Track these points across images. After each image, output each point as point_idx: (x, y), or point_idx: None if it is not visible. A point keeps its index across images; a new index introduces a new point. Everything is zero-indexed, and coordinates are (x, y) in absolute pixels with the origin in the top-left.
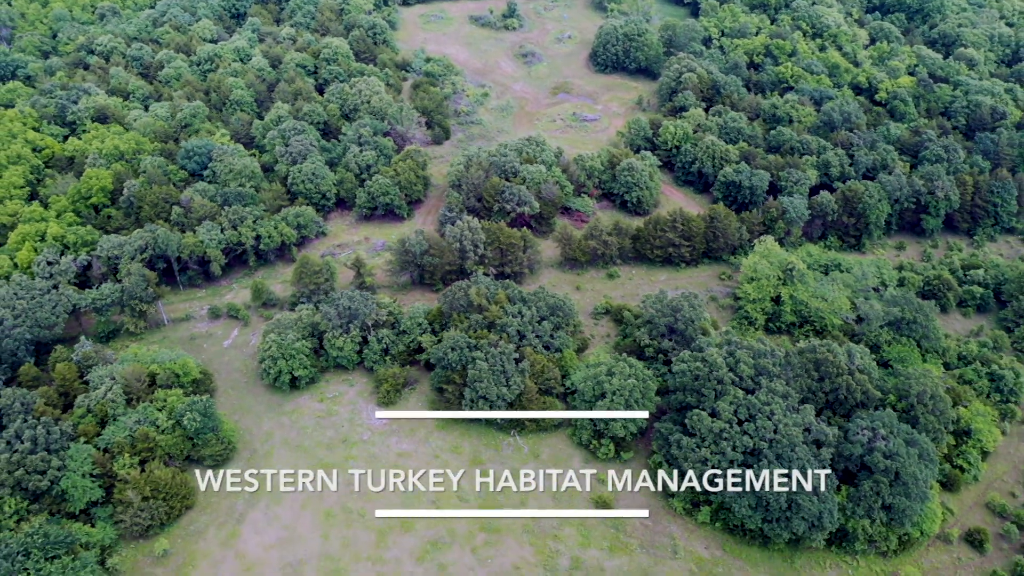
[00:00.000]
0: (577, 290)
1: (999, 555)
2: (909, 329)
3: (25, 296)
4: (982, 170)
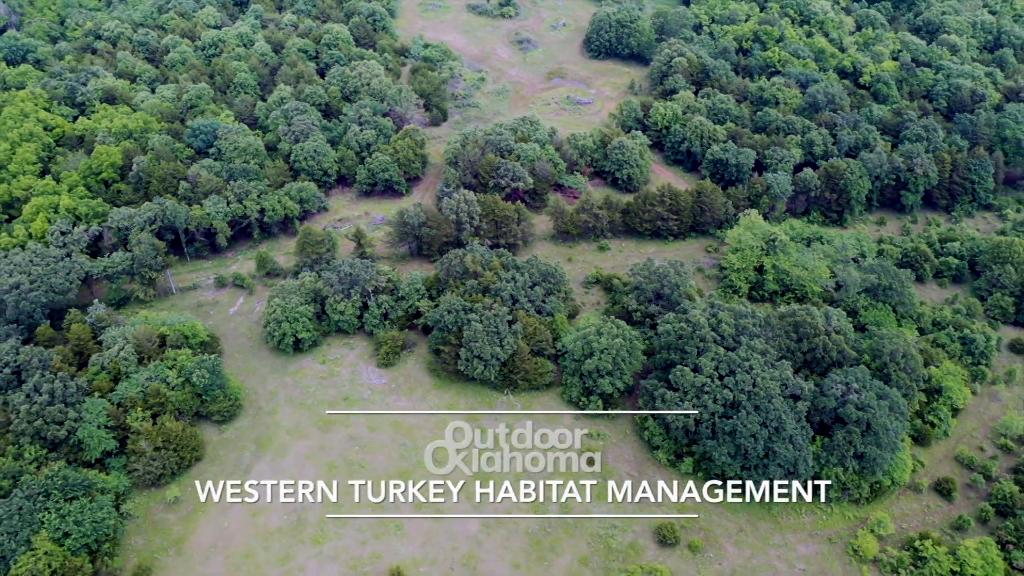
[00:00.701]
0: (569, 261)
1: (966, 503)
2: (885, 295)
3: (40, 263)
4: (960, 149)
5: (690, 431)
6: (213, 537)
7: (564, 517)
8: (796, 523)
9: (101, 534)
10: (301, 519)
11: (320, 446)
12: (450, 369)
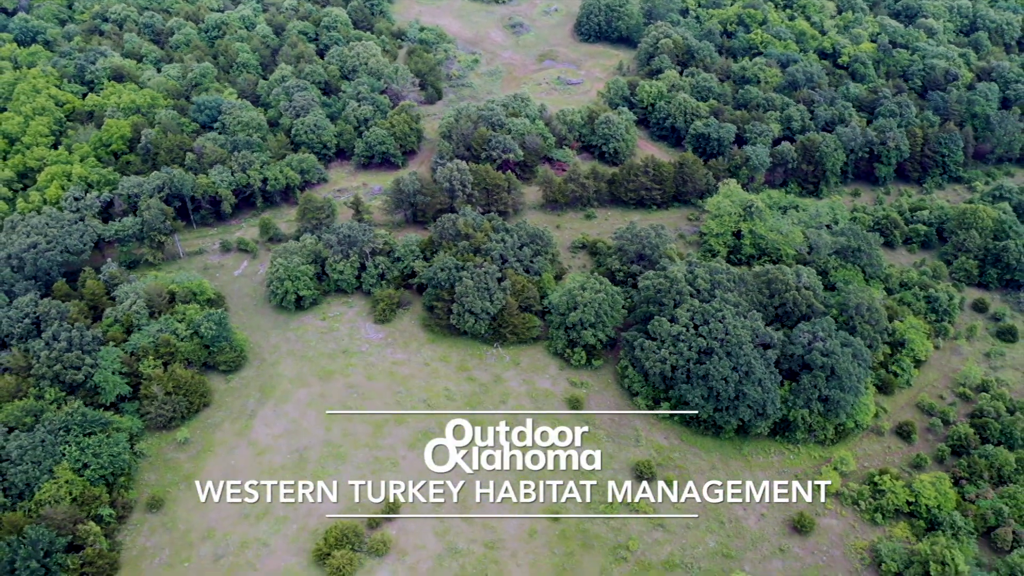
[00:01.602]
0: (557, 228)
1: (925, 444)
2: (854, 257)
3: (55, 226)
4: (932, 124)
5: (667, 377)
6: (221, 473)
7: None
8: (765, 462)
9: (117, 467)
10: (303, 457)
11: (321, 394)
12: (443, 324)
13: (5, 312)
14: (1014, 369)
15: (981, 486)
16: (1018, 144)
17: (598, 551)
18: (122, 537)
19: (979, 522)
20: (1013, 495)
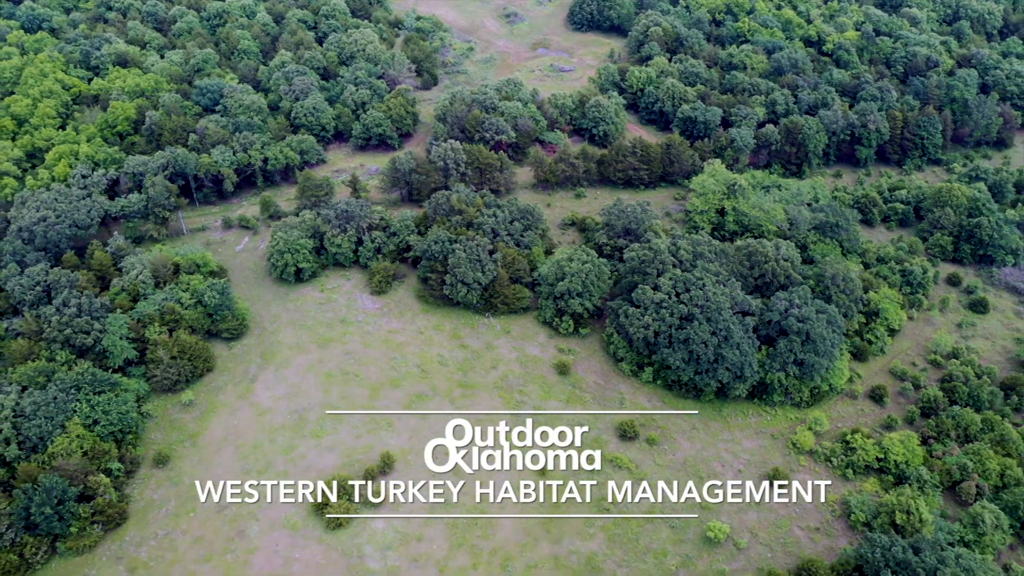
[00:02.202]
0: (548, 207)
1: (896, 407)
2: (833, 232)
3: (64, 201)
4: (912, 108)
5: (650, 343)
6: (224, 432)
7: (537, 414)
8: (743, 423)
9: (125, 425)
10: (302, 418)
11: (319, 359)
12: (437, 294)
13: (17, 280)
14: (984, 338)
15: (947, 444)
16: (995, 127)
17: (583, 503)
18: (130, 490)
19: (944, 477)
20: (977, 452)
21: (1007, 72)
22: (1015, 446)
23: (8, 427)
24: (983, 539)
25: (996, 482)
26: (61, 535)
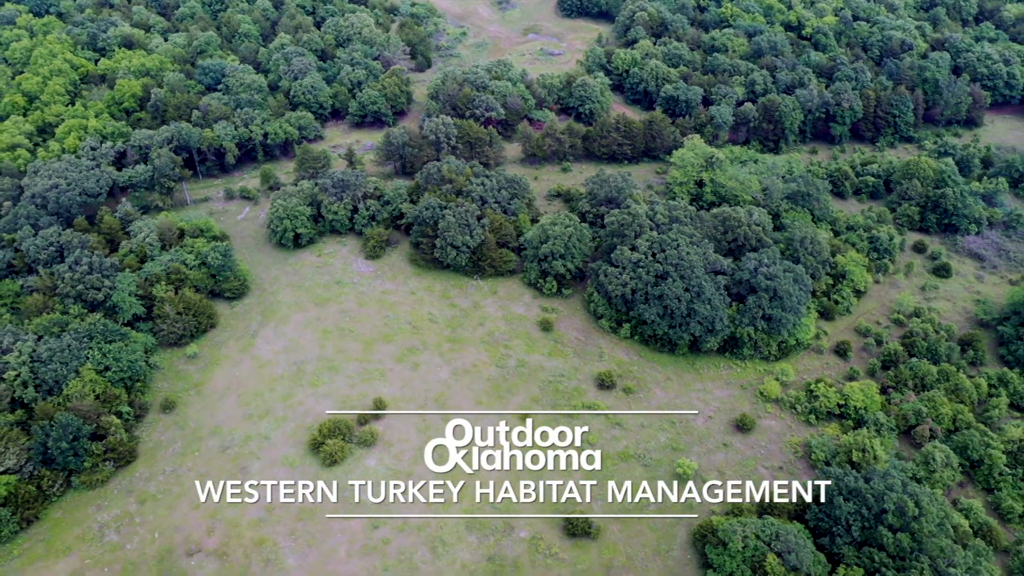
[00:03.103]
0: (535, 180)
1: (859, 361)
2: (804, 201)
3: (74, 170)
4: (885, 88)
5: (627, 300)
6: (227, 382)
7: (520, 369)
8: (715, 374)
9: (134, 372)
10: (300, 369)
11: (316, 317)
12: (428, 258)
13: (32, 241)
14: (946, 300)
15: (905, 393)
16: (964, 107)
17: (563, 445)
18: (139, 432)
19: (900, 421)
20: (932, 399)
21: (978, 55)
22: (968, 394)
23: (26, 371)
24: (933, 476)
25: (948, 426)
26: (76, 470)
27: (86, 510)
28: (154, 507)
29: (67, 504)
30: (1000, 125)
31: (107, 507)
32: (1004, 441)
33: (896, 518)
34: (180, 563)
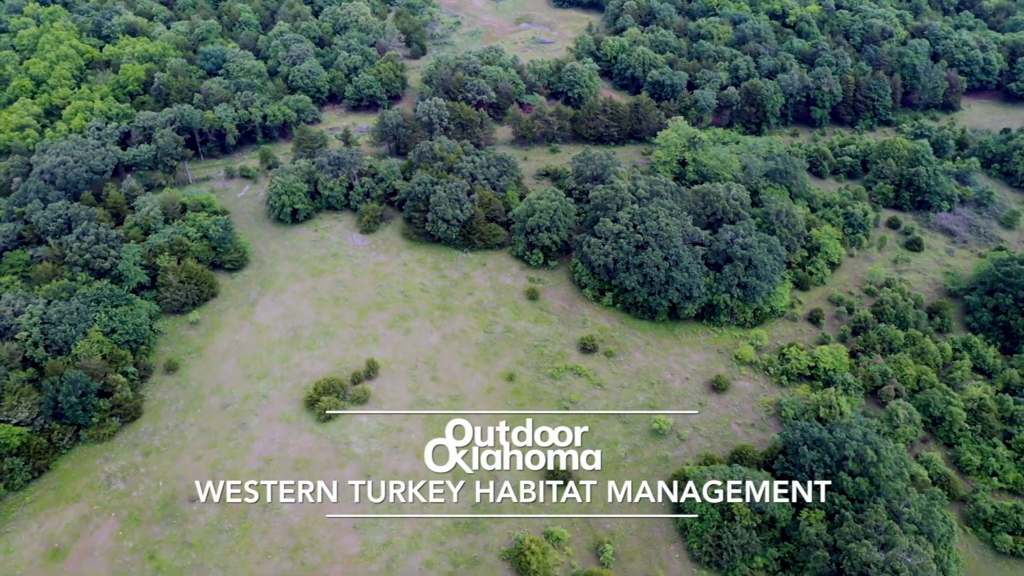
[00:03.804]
0: (525, 160)
1: (831, 328)
2: (782, 178)
3: (80, 148)
4: (864, 73)
5: (609, 269)
6: (227, 346)
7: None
8: (692, 340)
9: (139, 335)
10: (297, 334)
11: (313, 287)
12: (420, 232)
13: (42, 213)
14: (917, 272)
15: (872, 356)
16: (941, 91)
17: (546, 403)
18: (143, 392)
19: (867, 382)
20: (898, 361)
21: (956, 41)
22: (932, 357)
23: (37, 332)
24: (896, 431)
25: (913, 386)
26: (84, 424)
27: (94, 461)
28: (158, 459)
29: (76, 456)
30: (977, 109)
31: (114, 459)
32: (965, 400)
33: (856, 464)
34: (182, 508)
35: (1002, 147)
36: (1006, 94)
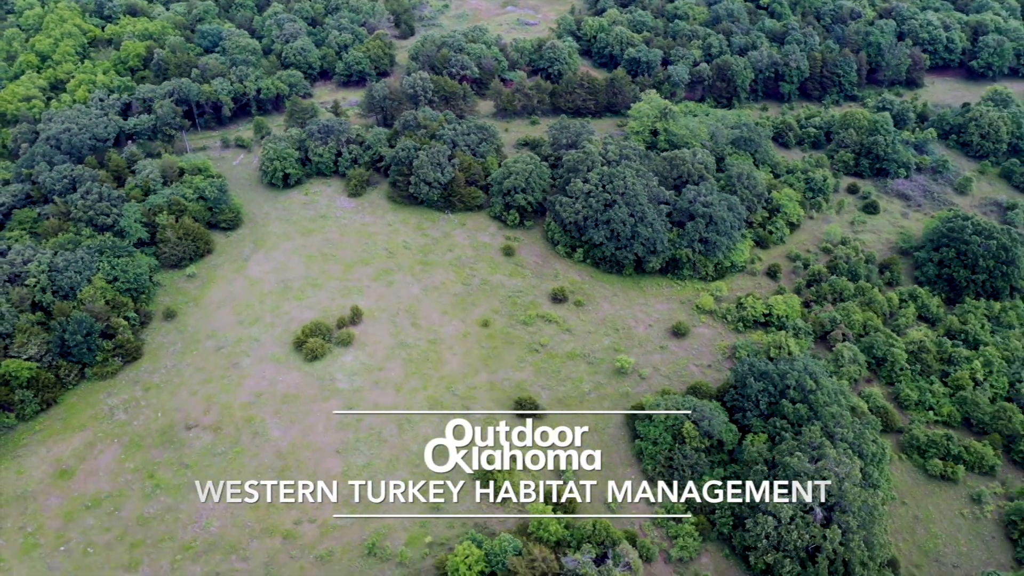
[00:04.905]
0: (506, 131)
1: (787, 281)
2: (747, 145)
3: (84, 117)
4: (832, 50)
5: (580, 226)
6: (222, 296)
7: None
8: (657, 292)
9: (140, 285)
10: (288, 286)
11: (303, 245)
12: (404, 194)
13: (48, 174)
14: (872, 233)
15: (823, 304)
16: (904, 68)
17: (518, 346)
18: (143, 336)
19: (817, 327)
20: (846, 308)
21: (920, 21)
22: (880, 306)
23: (44, 278)
24: (842, 370)
25: (859, 331)
26: (88, 363)
27: (98, 396)
28: (157, 394)
29: (81, 391)
30: (940, 86)
31: (116, 393)
32: (906, 342)
33: (797, 392)
34: (180, 435)
35: (959, 119)
36: (968, 72)
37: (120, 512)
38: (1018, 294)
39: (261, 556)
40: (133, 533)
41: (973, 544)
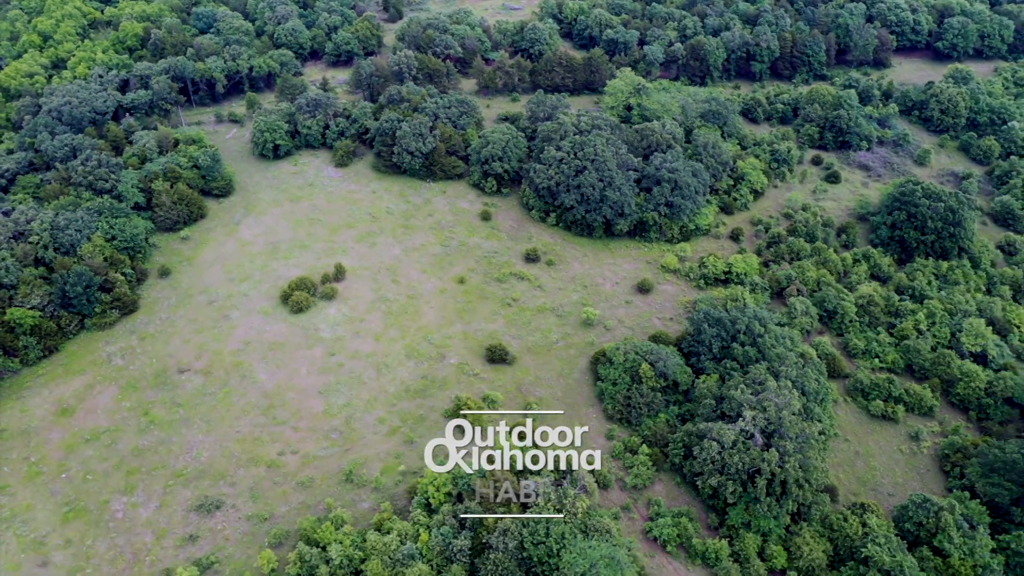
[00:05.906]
0: (487, 107)
1: (750, 244)
2: (715, 118)
3: (84, 91)
4: (802, 32)
5: (552, 191)
6: (214, 256)
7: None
8: (625, 253)
9: (136, 244)
10: (276, 247)
11: (291, 211)
12: (388, 164)
13: (50, 143)
14: (832, 201)
15: (781, 264)
16: (870, 48)
17: (491, 301)
18: (140, 292)
19: (774, 283)
20: (801, 266)
21: (888, 4)
22: (834, 265)
23: (47, 236)
24: (794, 321)
25: (813, 287)
26: (88, 314)
27: (97, 344)
28: (152, 342)
29: (81, 340)
30: (907, 66)
31: (114, 342)
32: (856, 297)
33: (747, 337)
34: (173, 378)
35: (921, 96)
36: (935, 52)
37: (117, 445)
38: (965, 254)
39: (247, 482)
40: (129, 462)
41: (909, 476)
